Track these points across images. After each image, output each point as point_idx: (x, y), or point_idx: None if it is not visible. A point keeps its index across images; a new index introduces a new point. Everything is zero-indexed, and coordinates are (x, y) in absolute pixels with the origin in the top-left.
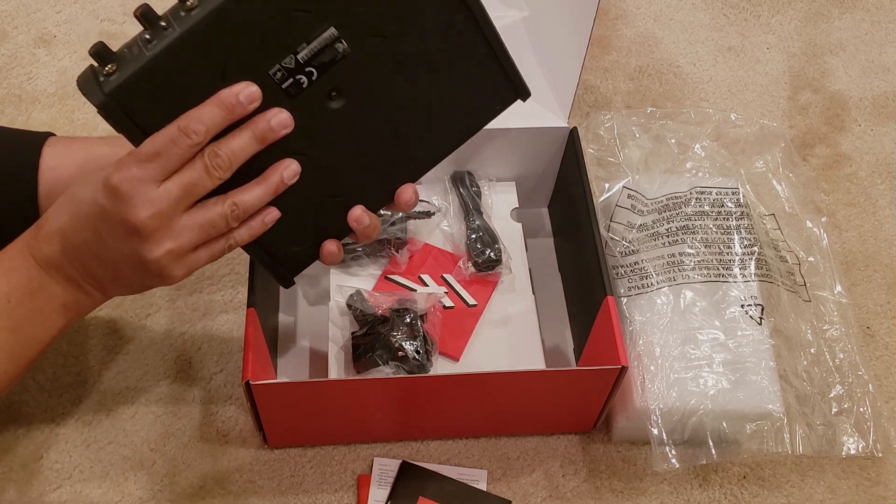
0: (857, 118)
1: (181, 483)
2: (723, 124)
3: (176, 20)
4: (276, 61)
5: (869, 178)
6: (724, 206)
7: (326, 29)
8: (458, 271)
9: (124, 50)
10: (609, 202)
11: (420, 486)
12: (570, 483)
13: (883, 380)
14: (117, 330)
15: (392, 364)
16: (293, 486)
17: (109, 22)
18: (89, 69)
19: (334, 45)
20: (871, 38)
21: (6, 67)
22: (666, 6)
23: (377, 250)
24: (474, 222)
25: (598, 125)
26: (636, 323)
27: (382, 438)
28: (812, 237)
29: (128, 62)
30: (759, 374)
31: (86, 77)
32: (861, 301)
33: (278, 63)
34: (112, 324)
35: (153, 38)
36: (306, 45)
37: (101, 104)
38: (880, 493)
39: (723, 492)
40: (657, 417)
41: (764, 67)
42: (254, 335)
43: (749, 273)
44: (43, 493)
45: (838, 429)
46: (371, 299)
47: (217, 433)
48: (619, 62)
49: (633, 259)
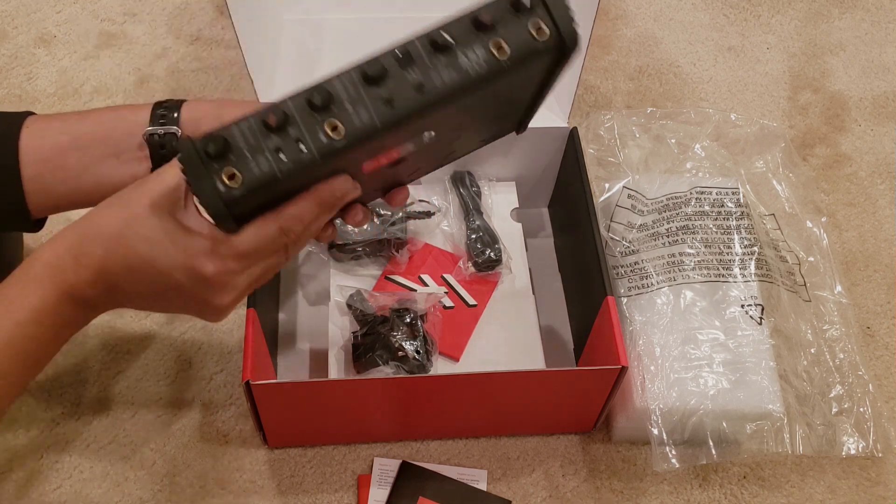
0: (857, 118)
1: (181, 483)
2: (723, 124)
3: (314, 143)
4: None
5: (869, 178)
6: (724, 206)
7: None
8: (458, 271)
9: (246, 154)
10: (609, 202)
11: (420, 486)
12: (570, 483)
13: (883, 380)
14: (117, 330)
15: (392, 364)
16: (293, 486)
17: (109, 22)
18: (197, 156)
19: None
20: (871, 38)
21: (6, 67)
22: (666, 6)
23: (377, 250)
24: (474, 222)
25: (598, 125)
26: (636, 323)
27: (382, 438)
28: (812, 237)
29: (252, 171)
30: (759, 374)
31: (195, 169)
32: (861, 301)
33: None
34: (112, 324)
35: (287, 157)
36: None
37: (218, 214)
38: (880, 493)
39: (723, 492)
40: (657, 417)
41: (764, 67)
42: (254, 335)
43: (749, 273)
44: (43, 493)
45: (838, 429)
46: (371, 299)
47: (217, 433)
48: (619, 62)
49: (633, 259)
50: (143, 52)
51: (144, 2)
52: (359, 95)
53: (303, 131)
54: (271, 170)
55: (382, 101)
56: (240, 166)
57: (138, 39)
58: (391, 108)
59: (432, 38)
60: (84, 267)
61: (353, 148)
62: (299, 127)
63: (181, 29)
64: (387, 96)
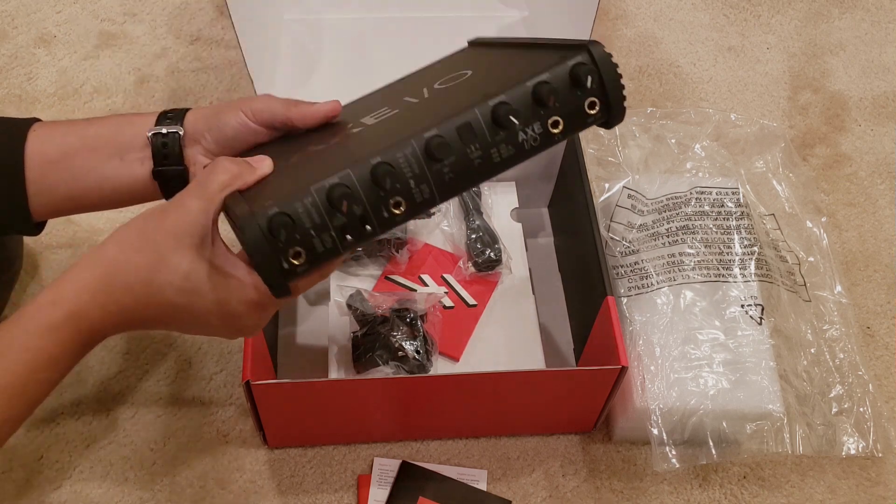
0: (857, 118)
1: (181, 483)
2: (723, 124)
3: (377, 217)
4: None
5: (869, 178)
6: (724, 206)
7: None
8: (458, 271)
9: (311, 232)
10: (609, 202)
11: (420, 486)
12: (570, 483)
13: (883, 380)
14: None
15: (392, 364)
16: (293, 486)
17: (109, 22)
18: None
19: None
20: (871, 38)
21: (6, 67)
22: (666, 6)
23: (377, 250)
24: (474, 222)
25: None
26: (636, 323)
27: (382, 438)
28: (812, 237)
29: (317, 250)
30: (759, 374)
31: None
32: (861, 301)
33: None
34: None
35: (351, 232)
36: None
37: (279, 289)
38: (880, 493)
39: (723, 492)
40: (657, 417)
41: (764, 67)
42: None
43: (749, 273)
44: (43, 493)
45: (838, 429)
46: (371, 299)
47: (217, 433)
48: (619, 62)
49: (633, 259)
50: (143, 52)
51: (144, 2)
52: (422, 172)
53: (368, 210)
54: (335, 247)
55: (442, 175)
56: (305, 245)
57: (138, 39)
58: (450, 182)
59: (495, 114)
60: (110, 314)
61: (409, 219)
62: (364, 206)
63: (181, 29)
64: (447, 171)
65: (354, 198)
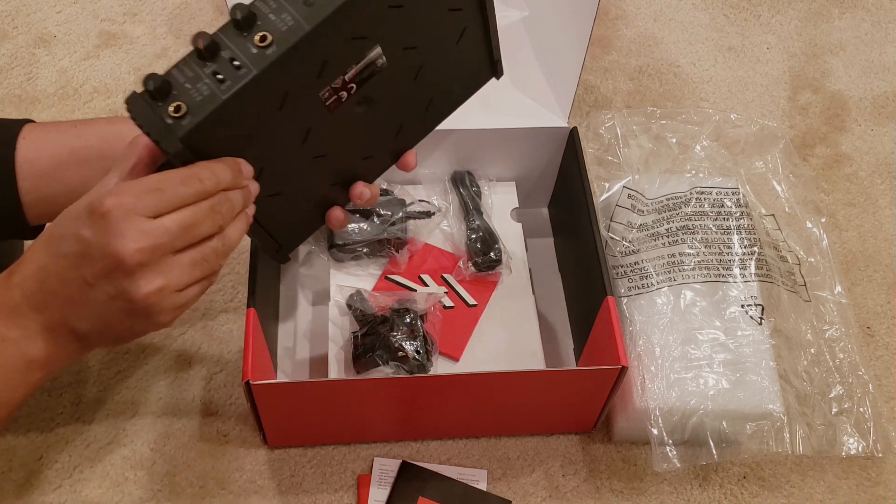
0: (857, 118)
1: (181, 483)
2: (723, 124)
3: (248, 57)
4: (328, 84)
5: (869, 178)
6: (724, 206)
7: (374, 48)
8: (458, 271)
9: (186, 86)
10: (609, 202)
11: (420, 486)
12: (570, 483)
13: (883, 380)
14: None
15: (392, 364)
16: (293, 486)
17: (109, 22)
18: (144, 102)
19: (376, 61)
20: (871, 38)
21: (6, 67)
22: (666, 6)
23: (377, 250)
24: (474, 222)
25: (598, 125)
26: (636, 323)
27: (382, 438)
28: (812, 237)
29: (199, 103)
30: (760, 374)
31: (143, 111)
32: (861, 301)
33: (329, 85)
34: None
35: (225, 76)
36: (354, 65)
37: (177, 153)
38: (880, 493)
39: (723, 492)
40: (657, 417)
41: (764, 67)
42: (254, 335)
43: (749, 273)
44: (43, 493)
45: (838, 429)
46: (371, 299)
47: (217, 433)
48: (619, 62)
49: (633, 259)
50: (143, 52)
51: (144, 2)
52: (279, 4)
53: (234, 50)
54: (212, 93)
55: (302, 3)
56: (183, 98)
57: (138, 39)
58: (312, 7)
59: None
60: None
61: (288, 56)
62: (230, 48)
63: (181, 29)
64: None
65: (220, 44)
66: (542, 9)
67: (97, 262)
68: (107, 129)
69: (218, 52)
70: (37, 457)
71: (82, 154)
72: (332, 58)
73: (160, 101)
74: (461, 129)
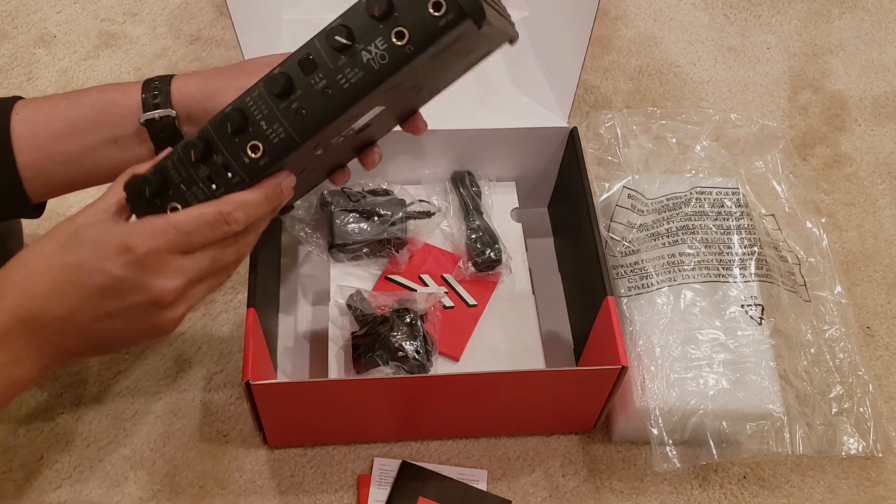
0: (857, 118)
1: (181, 483)
2: (723, 124)
3: (239, 164)
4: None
5: (869, 178)
6: (724, 206)
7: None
8: (458, 271)
9: (180, 185)
10: (609, 202)
11: (420, 486)
12: (570, 483)
13: (883, 380)
14: None
15: (392, 364)
16: (293, 486)
17: (109, 22)
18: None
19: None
20: (871, 38)
21: (6, 67)
22: (666, 6)
23: (377, 250)
24: (474, 222)
25: (598, 125)
26: (636, 323)
27: (382, 438)
28: (812, 237)
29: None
30: (759, 374)
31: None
32: (861, 301)
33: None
34: None
35: (216, 181)
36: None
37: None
38: (880, 493)
39: (723, 492)
40: (657, 417)
41: (764, 67)
42: (254, 335)
43: (749, 273)
44: (43, 493)
45: (838, 429)
46: (371, 299)
47: (217, 433)
48: (619, 62)
49: (633, 259)
50: (143, 52)
51: (144, 2)
52: (271, 112)
53: (227, 158)
54: (208, 197)
55: (294, 112)
56: (178, 200)
57: (138, 39)
58: (307, 118)
59: (332, 38)
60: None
61: (278, 163)
62: (223, 154)
63: (181, 29)
64: (297, 107)
65: (213, 147)
66: (542, 9)
67: (127, 297)
68: (100, 98)
69: (211, 156)
70: (37, 457)
71: (80, 125)
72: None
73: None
74: (461, 129)
